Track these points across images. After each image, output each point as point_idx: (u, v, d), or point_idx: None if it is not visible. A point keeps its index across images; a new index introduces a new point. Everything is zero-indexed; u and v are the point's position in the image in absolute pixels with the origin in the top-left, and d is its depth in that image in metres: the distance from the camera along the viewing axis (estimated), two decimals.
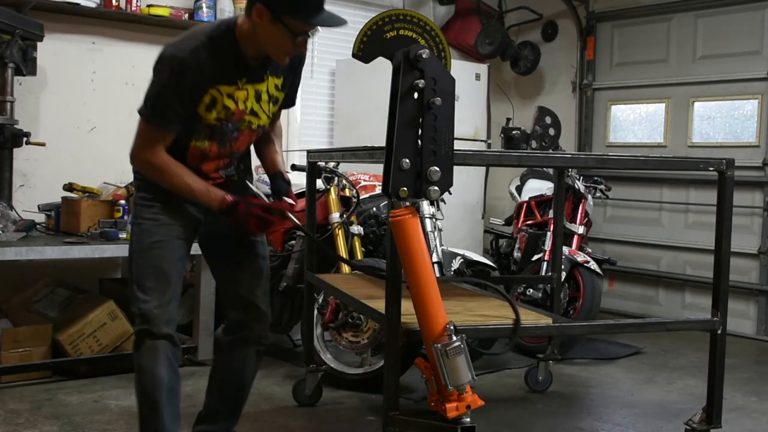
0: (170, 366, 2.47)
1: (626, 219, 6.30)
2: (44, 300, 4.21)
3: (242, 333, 2.71)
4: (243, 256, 2.69)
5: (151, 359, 2.45)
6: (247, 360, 2.73)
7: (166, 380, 2.46)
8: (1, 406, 3.51)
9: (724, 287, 2.74)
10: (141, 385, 2.48)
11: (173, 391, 2.49)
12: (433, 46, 2.65)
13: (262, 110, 2.54)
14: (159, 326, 2.45)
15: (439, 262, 4.00)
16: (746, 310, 5.59)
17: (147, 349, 2.46)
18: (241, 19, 2.41)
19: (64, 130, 4.70)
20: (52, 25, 4.53)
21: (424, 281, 2.21)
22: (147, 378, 2.45)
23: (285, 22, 2.31)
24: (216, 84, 2.40)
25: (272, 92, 2.56)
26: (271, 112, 2.59)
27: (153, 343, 2.45)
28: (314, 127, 6.03)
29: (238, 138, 2.54)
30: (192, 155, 2.50)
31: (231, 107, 2.45)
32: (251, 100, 2.49)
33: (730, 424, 3.37)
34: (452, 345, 2.17)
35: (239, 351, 2.73)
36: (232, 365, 2.74)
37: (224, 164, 2.59)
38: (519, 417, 3.63)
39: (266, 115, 2.57)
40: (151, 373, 2.44)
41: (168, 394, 2.46)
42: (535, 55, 6.59)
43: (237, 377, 2.75)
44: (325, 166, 4.01)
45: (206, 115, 2.43)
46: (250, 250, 2.69)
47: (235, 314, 2.72)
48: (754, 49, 5.58)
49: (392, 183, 2.20)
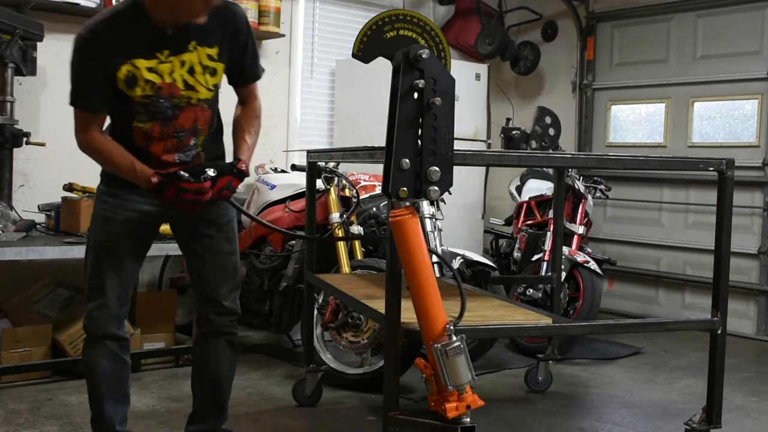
0: (113, 358, 2.63)
1: (626, 219, 6.30)
2: (44, 300, 4.21)
3: (209, 327, 2.73)
4: (208, 251, 2.68)
5: (93, 355, 2.62)
6: (220, 352, 2.74)
7: (109, 373, 2.63)
8: (1, 406, 3.51)
9: (724, 287, 2.74)
10: (87, 378, 2.67)
11: (118, 379, 2.66)
12: (433, 46, 2.65)
13: (199, 83, 2.48)
14: (98, 327, 2.59)
15: (439, 262, 4.00)
16: (746, 310, 5.59)
17: (90, 346, 2.63)
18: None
19: (64, 130, 4.63)
20: (52, 25, 4.53)
21: (424, 281, 2.21)
22: (89, 373, 2.65)
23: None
24: (129, 58, 2.37)
25: (205, 62, 2.48)
26: (211, 84, 2.51)
27: (95, 340, 2.61)
28: (314, 127, 6.03)
29: (179, 115, 2.49)
30: (137, 136, 2.49)
31: (156, 81, 2.40)
32: (180, 72, 2.44)
33: (730, 424, 3.37)
34: (452, 345, 2.17)
35: (210, 345, 2.75)
36: (206, 359, 2.76)
37: (174, 145, 2.52)
38: (519, 417, 3.63)
39: (205, 87, 2.50)
40: (92, 369, 2.63)
41: (112, 384, 2.64)
42: (535, 55, 6.59)
43: (213, 371, 2.76)
44: (325, 166, 4.01)
45: (131, 92, 2.40)
46: (216, 245, 2.68)
47: (201, 308, 2.74)
48: (754, 49, 5.58)
49: (392, 183, 2.20)
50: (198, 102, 2.51)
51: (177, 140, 2.53)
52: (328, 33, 6.00)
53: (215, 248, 2.68)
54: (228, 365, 2.78)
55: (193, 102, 2.50)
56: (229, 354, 2.76)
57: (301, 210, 4.26)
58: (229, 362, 2.78)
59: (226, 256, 2.70)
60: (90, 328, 2.61)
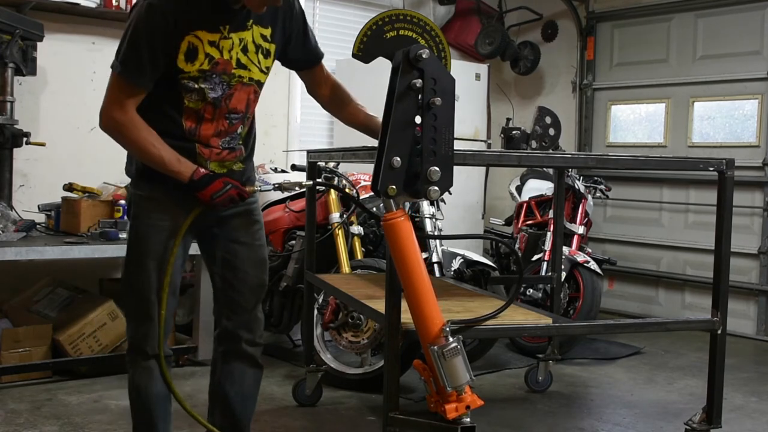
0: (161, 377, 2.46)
1: (626, 219, 6.30)
2: (44, 300, 4.21)
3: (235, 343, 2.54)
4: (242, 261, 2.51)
5: (144, 378, 2.44)
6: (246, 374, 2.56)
7: (161, 394, 2.46)
8: (1, 406, 3.51)
9: (724, 287, 2.74)
10: (137, 402, 2.47)
11: (167, 398, 2.49)
12: (433, 46, 2.65)
13: (251, 62, 2.36)
14: (153, 347, 2.42)
15: (439, 262, 4.01)
16: (746, 310, 5.59)
17: (140, 369, 2.44)
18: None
19: (64, 130, 4.70)
20: (52, 25, 4.53)
21: (419, 283, 2.19)
22: (142, 395, 2.45)
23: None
24: (193, 29, 2.23)
25: (259, 42, 2.37)
26: (264, 66, 2.41)
27: (146, 363, 2.43)
28: (314, 127, 6.03)
29: (233, 94, 2.36)
30: (187, 116, 2.33)
31: (215, 56, 2.27)
32: (236, 49, 2.31)
33: (730, 424, 3.37)
34: (449, 346, 2.16)
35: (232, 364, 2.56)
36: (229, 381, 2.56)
37: (225, 128, 2.39)
38: (519, 417, 3.63)
39: (257, 67, 2.38)
40: (146, 392, 2.44)
41: (162, 405, 2.47)
42: (535, 55, 6.59)
43: (237, 390, 2.56)
44: (325, 166, 4.01)
45: (187, 67, 2.25)
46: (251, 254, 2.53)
47: (226, 321, 2.55)
48: (754, 49, 5.58)
49: (381, 180, 2.18)
50: (250, 82, 2.39)
51: (229, 123, 2.39)
52: (328, 33, 6.00)
53: (253, 258, 2.52)
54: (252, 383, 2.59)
55: (245, 81, 2.37)
56: (254, 374, 2.58)
57: (301, 210, 4.27)
58: (254, 380, 2.59)
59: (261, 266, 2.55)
60: (142, 347, 2.41)
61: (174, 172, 2.29)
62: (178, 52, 2.24)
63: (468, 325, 2.41)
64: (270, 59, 2.45)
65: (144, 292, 2.39)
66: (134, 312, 2.44)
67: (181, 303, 4.71)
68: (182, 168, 2.30)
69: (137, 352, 2.44)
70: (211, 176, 2.33)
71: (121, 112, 2.25)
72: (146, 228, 2.40)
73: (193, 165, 2.32)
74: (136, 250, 2.41)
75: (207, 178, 2.32)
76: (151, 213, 2.40)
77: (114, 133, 2.30)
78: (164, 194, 2.38)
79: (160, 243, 2.39)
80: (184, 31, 2.23)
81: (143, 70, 2.23)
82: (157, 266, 2.39)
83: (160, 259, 2.38)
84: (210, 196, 2.32)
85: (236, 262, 2.51)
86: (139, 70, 2.23)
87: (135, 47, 2.21)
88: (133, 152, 2.37)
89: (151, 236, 2.39)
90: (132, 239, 2.44)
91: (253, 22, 2.35)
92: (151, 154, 2.27)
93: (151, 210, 2.40)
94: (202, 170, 2.32)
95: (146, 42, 2.20)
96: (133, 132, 2.27)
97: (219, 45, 2.28)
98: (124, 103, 2.25)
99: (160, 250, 2.38)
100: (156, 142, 2.27)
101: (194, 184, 2.30)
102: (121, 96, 2.25)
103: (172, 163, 2.29)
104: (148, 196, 2.40)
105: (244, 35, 2.33)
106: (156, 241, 2.39)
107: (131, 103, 2.26)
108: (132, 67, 2.23)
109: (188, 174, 2.30)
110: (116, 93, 2.26)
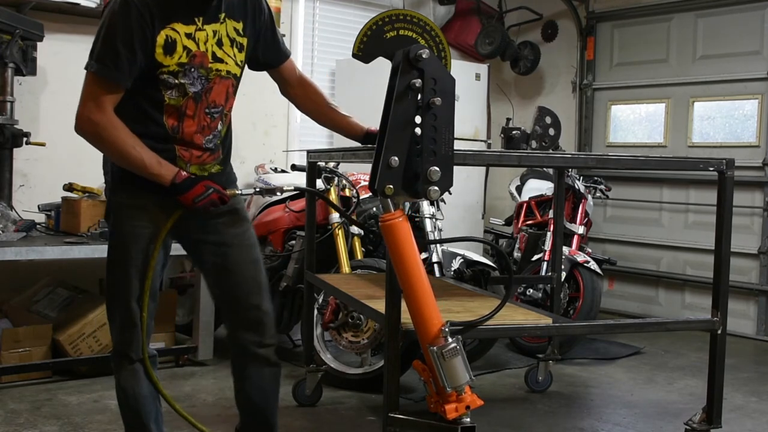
0: (147, 378, 2.46)
1: (626, 219, 6.30)
2: (44, 300, 4.21)
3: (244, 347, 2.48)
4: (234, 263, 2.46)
5: (130, 380, 2.43)
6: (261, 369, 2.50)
7: (148, 395, 2.46)
8: (1, 406, 3.51)
9: (724, 287, 2.74)
10: (125, 404, 2.47)
11: (155, 398, 2.49)
12: (433, 46, 2.65)
13: (227, 55, 2.34)
14: (137, 350, 2.41)
15: (439, 262, 4.01)
16: (746, 310, 5.59)
17: (126, 372, 2.43)
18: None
19: (64, 130, 4.63)
20: (52, 25, 4.53)
21: (417, 285, 2.19)
22: (130, 398, 2.44)
23: None
24: (171, 22, 2.21)
25: (233, 36, 2.35)
26: (239, 60, 2.39)
27: (131, 367, 2.43)
28: (314, 127, 5.97)
29: (212, 88, 2.33)
30: (168, 114, 2.29)
31: (192, 48, 2.24)
32: (211, 41, 2.29)
33: (730, 424, 3.37)
34: (448, 347, 2.16)
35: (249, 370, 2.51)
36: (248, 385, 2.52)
37: (207, 124, 2.35)
38: (519, 417, 3.63)
39: (233, 60, 2.36)
40: (134, 393, 2.44)
41: (150, 405, 2.47)
42: (535, 55, 6.59)
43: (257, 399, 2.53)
44: (325, 166, 4.01)
45: (167, 61, 2.21)
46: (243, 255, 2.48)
47: (231, 327, 2.52)
48: (754, 49, 5.58)
49: (379, 179, 2.17)
50: (228, 75, 2.37)
51: (210, 118, 2.36)
52: (328, 33, 6.00)
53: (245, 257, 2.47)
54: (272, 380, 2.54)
55: (223, 74, 2.35)
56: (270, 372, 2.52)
57: (301, 210, 4.27)
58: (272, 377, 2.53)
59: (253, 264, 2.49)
60: (126, 352, 2.40)
61: (155, 175, 2.24)
62: (156, 46, 2.20)
63: (466, 325, 2.41)
64: (243, 53, 2.42)
65: (128, 301, 2.37)
66: (118, 319, 2.42)
67: (181, 303, 4.71)
68: (163, 171, 2.25)
69: (122, 357, 2.43)
70: (193, 179, 2.29)
71: (99, 112, 2.18)
72: (128, 237, 2.36)
73: (175, 168, 2.28)
74: (119, 259, 2.38)
75: (189, 181, 2.27)
76: (133, 221, 2.36)
77: (91, 135, 2.23)
78: (144, 200, 2.34)
79: (141, 251, 2.36)
80: (160, 24, 2.19)
81: (121, 66, 2.17)
82: (139, 274, 2.37)
83: (141, 267, 2.36)
84: (192, 200, 2.28)
85: (228, 264, 2.45)
86: (116, 66, 2.17)
87: (111, 44, 2.17)
88: (111, 155, 2.30)
89: (132, 245, 2.36)
90: (113, 248, 2.41)
91: (226, 16, 2.33)
92: (131, 156, 2.22)
93: (132, 218, 2.36)
94: (184, 173, 2.28)
95: (122, 38, 2.16)
96: (112, 133, 2.20)
97: (195, 37, 2.26)
98: (101, 103, 2.18)
99: (142, 258, 2.36)
100: (136, 145, 2.22)
101: (176, 187, 2.26)
102: (99, 95, 2.19)
103: (153, 166, 2.24)
104: (128, 204, 2.37)
105: (217, 28, 2.31)
106: (138, 249, 2.36)
107: (109, 102, 2.19)
108: (109, 64, 2.17)
109: (170, 177, 2.25)
110: (93, 93, 2.19)
